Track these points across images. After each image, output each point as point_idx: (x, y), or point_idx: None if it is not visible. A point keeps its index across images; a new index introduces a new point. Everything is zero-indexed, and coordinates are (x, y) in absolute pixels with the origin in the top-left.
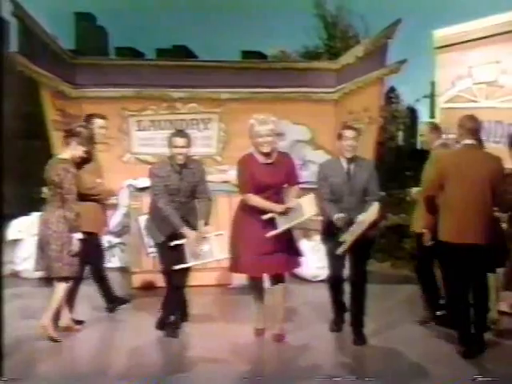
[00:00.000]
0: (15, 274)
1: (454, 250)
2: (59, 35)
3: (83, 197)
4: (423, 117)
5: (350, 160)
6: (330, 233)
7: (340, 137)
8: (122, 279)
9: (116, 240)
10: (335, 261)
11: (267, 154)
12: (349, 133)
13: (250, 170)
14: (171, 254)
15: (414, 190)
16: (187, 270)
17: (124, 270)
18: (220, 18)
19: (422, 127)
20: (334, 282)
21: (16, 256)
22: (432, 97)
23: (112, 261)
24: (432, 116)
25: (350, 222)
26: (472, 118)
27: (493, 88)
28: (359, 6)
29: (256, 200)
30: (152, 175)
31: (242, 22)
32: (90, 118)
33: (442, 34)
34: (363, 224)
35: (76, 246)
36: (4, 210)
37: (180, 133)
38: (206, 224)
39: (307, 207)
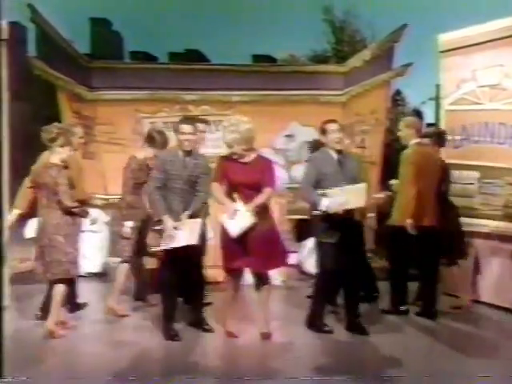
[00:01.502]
0: (33, 271)
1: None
2: (75, 40)
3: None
4: (428, 119)
5: (339, 151)
6: (321, 226)
7: (324, 132)
8: None
9: None
10: (328, 253)
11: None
12: (333, 126)
13: (225, 166)
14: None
15: (394, 182)
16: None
17: None
18: (231, 22)
19: (400, 123)
20: (328, 276)
21: (34, 254)
22: (437, 99)
23: None
24: (437, 118)
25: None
26: (418, 120)
27: (496, 91)
28: (366, 11)
29: (217, 191)
30: (156, 160)
31: (252, 26)
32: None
33: (446, 38)
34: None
35: (128, 233)
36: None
37: (187, 120)
38: (194, 217)
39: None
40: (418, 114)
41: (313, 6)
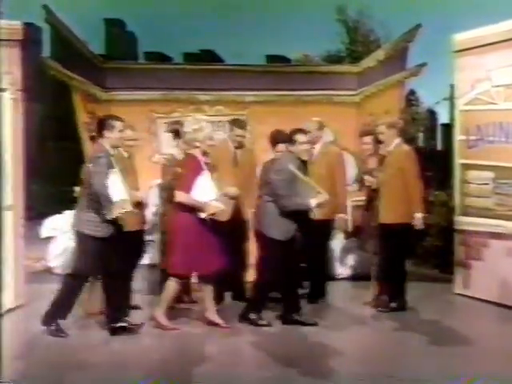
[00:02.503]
0: (48, 270)
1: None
2: (90, 40)
3: None
4: (442, 119)
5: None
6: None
7: (293, 141)
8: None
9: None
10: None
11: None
12: (303, 138)
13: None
14: None
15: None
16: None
17: (153, 267)
18: (245, 23)
19: (380, 125)
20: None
21: (49, 253)
22: (451, 99)
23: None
24: (451, 118)
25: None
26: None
27: (511, 90)
28: (380, 11)
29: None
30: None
31: (266, 27)
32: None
33: (460, 38)
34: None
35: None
36: (38, 209)
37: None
38: None
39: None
40: (431, 114)
41: (326, 6)
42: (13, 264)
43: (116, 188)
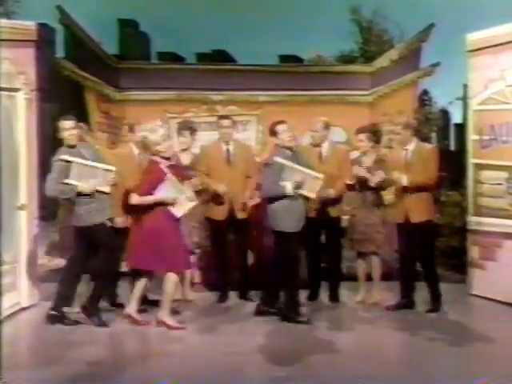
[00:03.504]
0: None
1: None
2: (103, 41)
3: None
4: (456, 119)
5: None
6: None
7: (275, 133)
8: None
9: None
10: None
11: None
12: (283, 126)
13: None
14: None
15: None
16: None
17: None
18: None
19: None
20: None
21: None
22: (464, 99)
23: None
24: (464, 118)
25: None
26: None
27: None
28: (394, 11)
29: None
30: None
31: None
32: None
33: (474, 37)
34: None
35: None
36: (52, 208)
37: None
38: None
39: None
40: (445, 114)
41: (340, 5)
42: (27, 263)
43: None
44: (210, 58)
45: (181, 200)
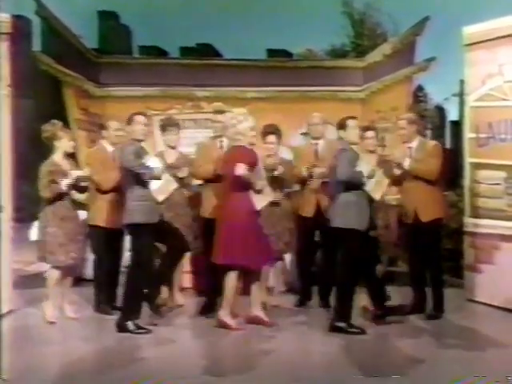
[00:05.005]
0: (40, 274)
1: None
2: (83, 34)
3: None
4: (452, 116)
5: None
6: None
7: (344, 127)
8: None
9: None
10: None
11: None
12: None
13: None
14: None
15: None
16: None
17: None
18: (245, 15)
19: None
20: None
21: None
22: (461, 95)
23: None
24: (461, 115)
25: None
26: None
27: None
28: (387, 3)
29: None
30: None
31: (267, 19)
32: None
33: (471, 31)
34: None
35: None
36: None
37: None
38: None
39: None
40: (440, 111)
41: None
42: (4, 268)
43: None
44: (194, 52)
45: (266, 190)
